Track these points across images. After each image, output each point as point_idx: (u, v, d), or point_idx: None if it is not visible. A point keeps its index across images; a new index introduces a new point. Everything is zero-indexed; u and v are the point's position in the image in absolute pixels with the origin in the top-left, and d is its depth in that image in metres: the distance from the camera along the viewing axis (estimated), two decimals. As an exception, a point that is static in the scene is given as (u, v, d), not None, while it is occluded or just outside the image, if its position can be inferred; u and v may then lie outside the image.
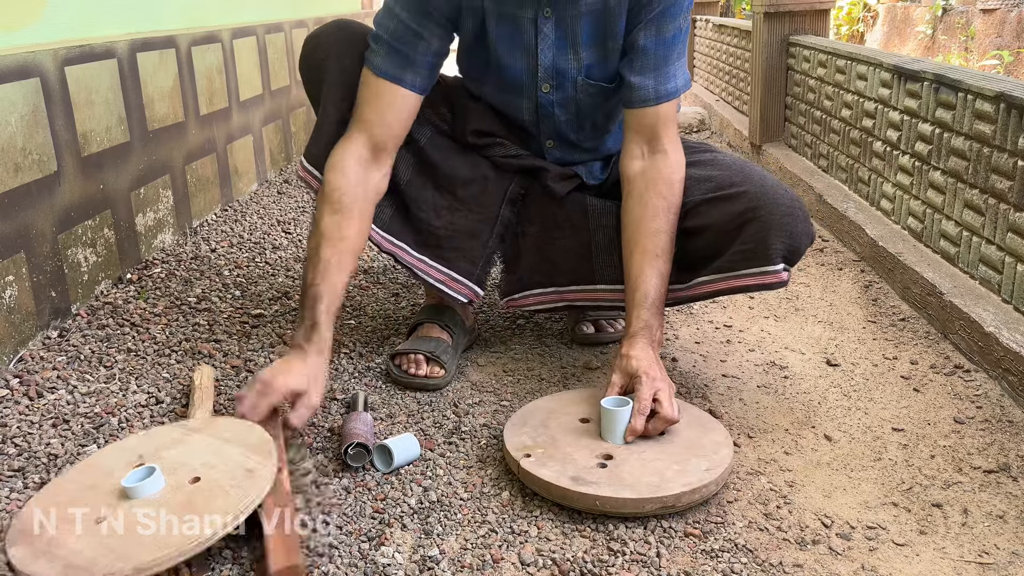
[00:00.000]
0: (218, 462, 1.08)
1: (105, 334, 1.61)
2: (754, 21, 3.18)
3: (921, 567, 1.02)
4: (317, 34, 1.45)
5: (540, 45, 1.37)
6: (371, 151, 1.34)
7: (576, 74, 1.39)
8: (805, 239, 1.34)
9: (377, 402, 1.40)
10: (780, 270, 1.32)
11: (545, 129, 1.48)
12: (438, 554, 1.02)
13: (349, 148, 1.33)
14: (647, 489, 1.08)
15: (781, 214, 1.30)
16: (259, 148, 2.90)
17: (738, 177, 1.34)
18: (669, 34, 1.33)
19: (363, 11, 4.67)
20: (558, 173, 1.49)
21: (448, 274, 1.46)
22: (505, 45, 1.38)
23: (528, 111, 1.45)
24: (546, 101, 1.43)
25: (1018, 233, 1.56)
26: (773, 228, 1.30)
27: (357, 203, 1.32)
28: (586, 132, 1.49)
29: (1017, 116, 1.57)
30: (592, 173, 1.54)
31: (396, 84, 1.34)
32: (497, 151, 1.49)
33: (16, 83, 1.53)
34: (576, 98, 1.42)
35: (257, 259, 2.09)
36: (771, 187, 1.33)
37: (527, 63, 1.39)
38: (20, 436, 1.26)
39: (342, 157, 1.32)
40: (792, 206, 1.32)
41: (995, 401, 1.40)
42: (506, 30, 1.37)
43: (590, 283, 1.48)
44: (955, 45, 5.31)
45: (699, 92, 4.74)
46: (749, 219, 1.30)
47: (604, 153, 1.54)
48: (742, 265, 1.32)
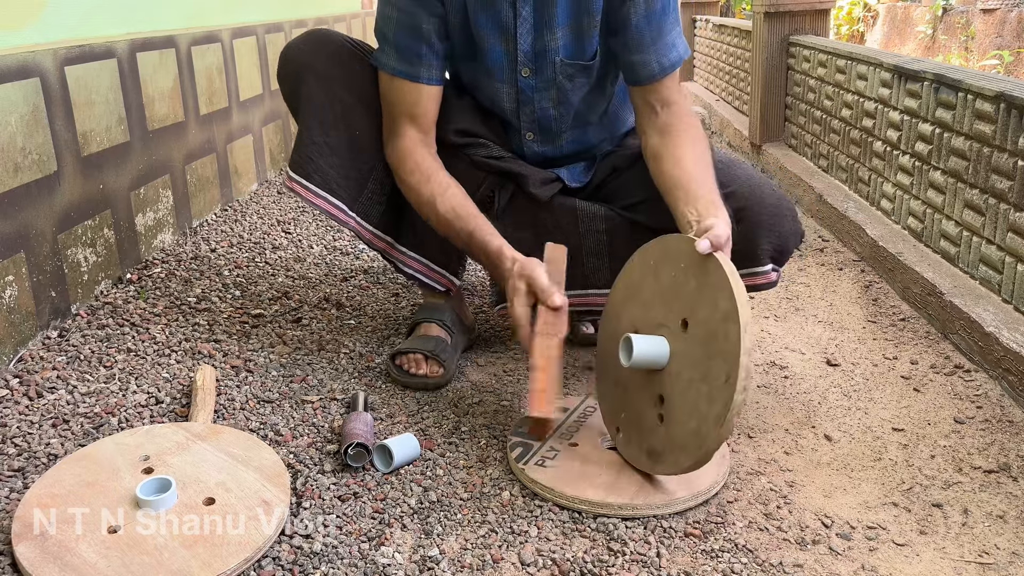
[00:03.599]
0: (233, 485, 1.08)
1: (105, 334, 1.61)
2: (754, 21, 3.18)
3: (921, 567, 1.02)
4: (291, 47, 1.46)
5: (519, 28, 1.37)
6: (421, 134, 1.41)
7: (554, 55, 1.39)
8: (793, 238, 1.33)
9: (377, 402, 1.40)
10: (768, 271, 1.32)
11: (525, 119, 1.47)
12: (438, 554, 1.02)
13: (406, 141, 1.39)
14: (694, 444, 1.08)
15: (769, 214, 1.31)
16: (259, 148, 2.90)
17: (725, 177, 1.33)
18: (658, 6, 1.34)
19: (363, 11, 4.67)
20: (539, 178, 1.47)
21: (425, 264, 1.51)
22: (485, 28, 1.38)
23: (509, 98, 1.45)
24: (526, 86, 1.42)
25: (1018, 233, 1.56)
26: (761, 229, 1.30)
27: (439, 167, 1.39)
28: (567, 121, 1.47)
29: (1017, 116, 1.57)
30: (574, 175, 1.52)
31: (413, 81, 1.38)
32: (479, 151, 1.48)
33: (16, 83, 1.53)
34: (556, 81, 1.41)
35: (257, 259, 2.09)
36: (757, 187, 1.33)
37: (506, 47, 1.39)
38: (20, 436, 1.26)
39: (410, 149, 1.39)
40: (779, 205, 1.32)
41: (995, 401, 1.40)
42: (486, 13, 1.37)
43: (582, 288, 1.47)
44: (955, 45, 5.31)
45: (699, 92, 4.74)
46: (737, 220, 1.29)
47: (586, 147, 1.53)
48: None
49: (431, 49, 1.38)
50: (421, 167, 1.38)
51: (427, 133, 1.42)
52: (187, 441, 1.17)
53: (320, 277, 1.98)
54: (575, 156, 1.53)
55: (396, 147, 1.40)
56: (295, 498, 1.11)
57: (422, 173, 1.38)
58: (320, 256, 2.15)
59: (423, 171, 1.38)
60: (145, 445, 1.17)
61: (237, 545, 0.98)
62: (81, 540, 0.98)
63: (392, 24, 1.37)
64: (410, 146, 1.39)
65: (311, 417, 1.33)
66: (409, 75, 1.38)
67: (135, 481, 1.07)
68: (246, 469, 1.11)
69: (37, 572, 0.93)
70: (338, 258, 2.14)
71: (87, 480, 1.09)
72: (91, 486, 1.07)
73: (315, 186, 1.43)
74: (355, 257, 2.15)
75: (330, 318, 1.73)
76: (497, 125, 1.50)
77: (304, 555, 1.01)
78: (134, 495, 1.04)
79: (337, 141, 1.43)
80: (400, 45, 1.37)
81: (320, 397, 1.40)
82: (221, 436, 1.20)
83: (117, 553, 0.96)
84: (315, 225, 2.43)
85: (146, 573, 0.93)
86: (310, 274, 2.00)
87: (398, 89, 1.39)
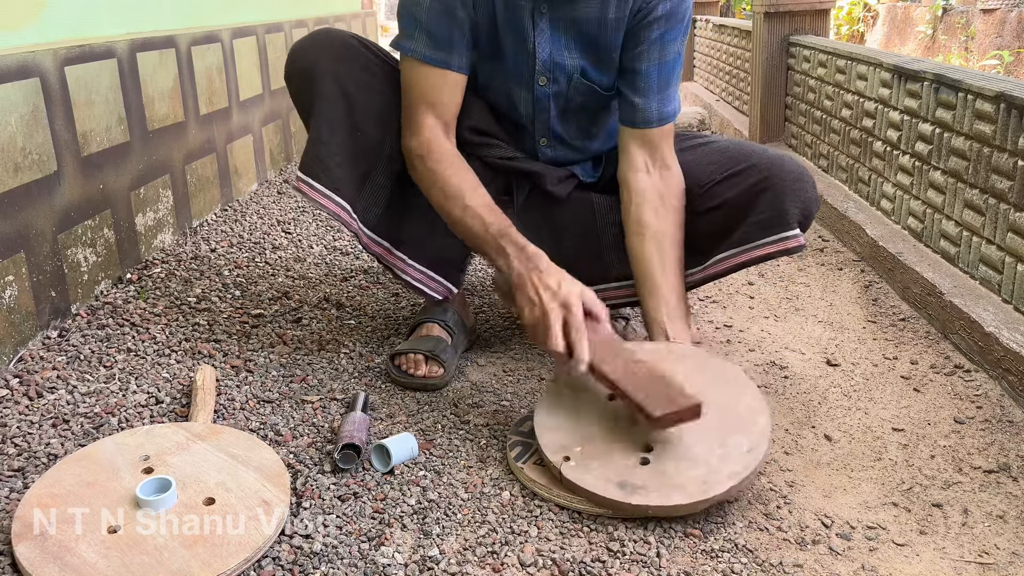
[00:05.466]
0: (233, 486, 1.08)
1: (105, 334, 1.61)
2: (754, 21, 3.18)
3: (921, 567, 1.02)
4: (298, 46, 1.44)
5: (537, 39, 1.38)
6: (443, 126, 1.39)
7: (572, 72, 1.41)
8: (814, 204, 1.39)
9: (377, 402, 1.40)
10: (797, 234, 1.36)
11: (540, 125, 1.48)
12: (438, 554, 1.02)
13: (430, 132, 1.37)
14: (697, 490, 1.06)
15: (792, 179, 1.36)
16: (259, 148, 2.90)
17: (742, 155, 1.41)
18: (670, 58, 1.40)
19: (363, 11, 4.67)
20: (556, 176, 1.50)
21: (423, 271, 1.48)
22: (508, 32, 1.39)
23: (525, 103, 1.45)
24: (542, 95, 1.43)
25: (1018, 233, 1.56)
26: (787, 194, 1.35)
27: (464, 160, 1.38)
28: (572, 130, 1.50)
29: (1017, 116, 1.57)
30: (586, 171, 1.55)
31: (444, 68, 1.36)
32: (493, 152, 1.48)
33: (16, 83, 1.53)
34: (568, 95, 1.44)
35: (257, 259, 2.09)
36: (777, 158, 1.39)
37: (525, 54, 1.40)
38: (20, 436, 1.26)
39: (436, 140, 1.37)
40: (800, 173, 1.38)
41: (995, 401, 1.40)
42: (510, 17, 1.38)
43: (603, 282, 1.50)
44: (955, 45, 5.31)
45: (699, 92, 4.74)
46: (762, 189, 1.36)
47: (592, 153, 1.56)
48: (760, 235, 1.36)
49: (463, 37, 1.36)
50: (447, 157, 1.36)
51: (449, 125, 1.40)
52: (187, 441, 1.17)
53: (320, 277, 1.98)
54: (582, 158, 1.56)
55: (420, 138, 1.37)
56: (295, 498, 1.11)
57: (450, 164, 1.35)
58: (320, 256, 2.15)
59: (448, 161, 1.35)
60: (145, 445, 1.17)
61: (237, 545, 0.98)
62: (81, 540, 0.98)
63: (423, 9, 1.34)
64: (435, 137, 1.37)
65: (311, 417, 1.33)
66: (441, 62, 1.35)
67: (135, 481, 1.07)
68: (246, 469, 1.11)
69: (37, 572, 0.93)
70: (338, 258, 2.14)
71: (87, 480, 1.09)
72: (91, 486, 1.07)
73: (323, 186, 1.39)
74: (355, 257, 2.15)
75: (330, 318, 1.73)
76: (511, 126, 1.51)
77: (304, 555, 1.01)
78: (134, 495, 1.04)
79: (341, 140, 1.41)
80: (432, 30, 1.34)
81: (320, 397, 1.40)
82: (221, 436, 1.20)
83: (117, 553, 0.96)
84: (315, 225, 2.43)
85: (146, 573, 0.93)
86: (310, 274, 2.00)
87: (425, 77, 1.36)
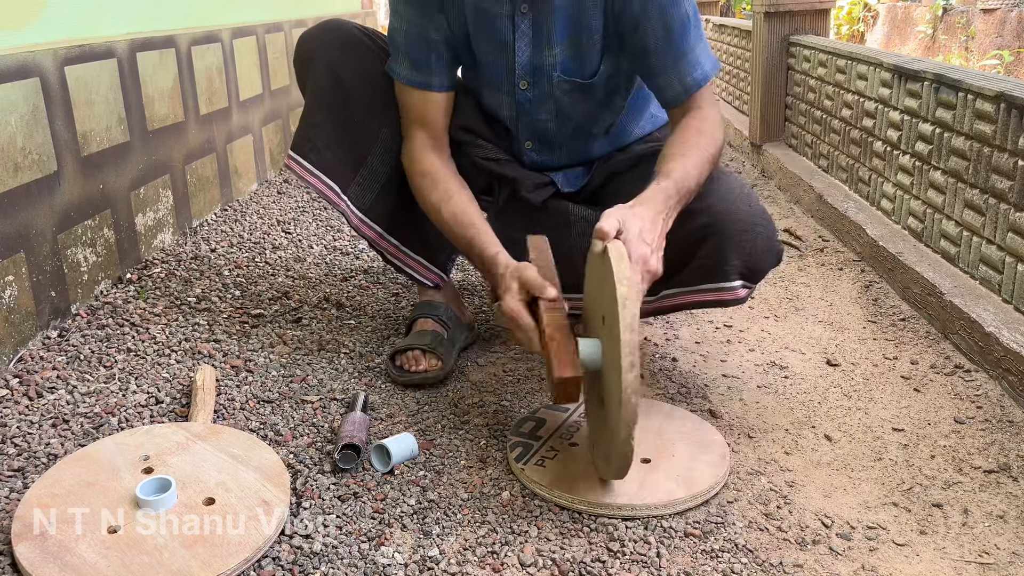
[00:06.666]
0: (233, 485, 1.08)
1: (105, 334, 1.61)
2: (754, 21, 3.18)
3: (921, 567, 1.02)
4: (306, 34, 1.51)
5: (518, 42, 1.37)
6: (432, 141, 1.44)
7: (552, 70, 1.39)
8: (768, 257, 1.30)
9: (377, 402, 1.40)
10: (737, 287, 1.29)
11: (524, 129, 1.47)
12: (438, 554, 1.02)
13: (417, 145, 1.43)
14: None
15: (739, 230, 1.27)
16: (259, 148, 2.90)
17: (704, 193, 1.29)
18: (676, 24, 1.30)
19: (363, 11, 4.67)
20: (532, 182, 1.49)
21: (412, 256, 1.56)
22: (484, 41, 1.39)
23: (508, 108, 1.46)
24: (523, 99, 1.43)
25: (1018, 233, 1.56)
26: (730, 245, 1.27)
27: (448, 172, 1.43)
28: (567, 134, 1.48)
29: (1017, 116, 1.57)
30: (569, 179, 1.52)
31: (425, 90, 1.42)
32: (478, 151, 1.49)
33: (16, 83, 1.53)
34: (554, 95, 1.42)
35: (257, 259, 2.09)
36: (732, 202, 1.29)
37: (505, 60, 1.40)
38: (20, 436, 1.26)
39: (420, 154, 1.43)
40: (751, 223, 1.28)
41: (995, 401, 1.40)
42: (484, 26, 1.38)
43: (575, 292, 1.46)
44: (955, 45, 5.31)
45: (699, 92, 4.73)
46: (706, 235, 1.28)
47: (587, 158, 1.53)
48: (699, 280, 1.31)
49: (440, 58, 1.41)
50: (429, 172, 1.42)
51: (438, 138, 1.45)
52: (187, 441, 1.17)
53: (320, 277, 1.98)
54: (574, 164, 1.54)
55: (409, 151, 1.45)
56: (295, 498, 1.11)
57: (429, 178, 1.41)
58: (320, 256, 2.15)
59: (431, 176, 1.42)
60: (145, 445, 1.17)
61: (237, 545, 0.98)
62: (81, 540, 0.98)
63: (402, 35, 1.41)
64: (420, 151, 1.43)
65: (311, 417, 1.33)
66: (422, 84, 1.42)
67: (135, 481, 1.07)
68: (246, 469, 1.11)
69: (37, 572, 0.93)
70: (338, 258, 2.14)
71: (87, 480, 1.09)
72: (91, 486, 1.07)
73: (311, 165, 1.47)
74: (355, 257, 2.15)
75: (330, 318, 1.73)
76: (500, 127, 1.51)
77: (304, 555, 1.01)
78: (134, 495, 1.04)
79: (336, 125, 1.47)
80: (411, 54, 1.41)
81: (320, 397, 1.40)
82: (221, 436, 1.20)
83: (117, 553, 0.96)
84: (315, 225, 2.43)
85: (146, 573, 0.93)
86: (310, 274, 2.00)
87: (410, 96, 1.44)
